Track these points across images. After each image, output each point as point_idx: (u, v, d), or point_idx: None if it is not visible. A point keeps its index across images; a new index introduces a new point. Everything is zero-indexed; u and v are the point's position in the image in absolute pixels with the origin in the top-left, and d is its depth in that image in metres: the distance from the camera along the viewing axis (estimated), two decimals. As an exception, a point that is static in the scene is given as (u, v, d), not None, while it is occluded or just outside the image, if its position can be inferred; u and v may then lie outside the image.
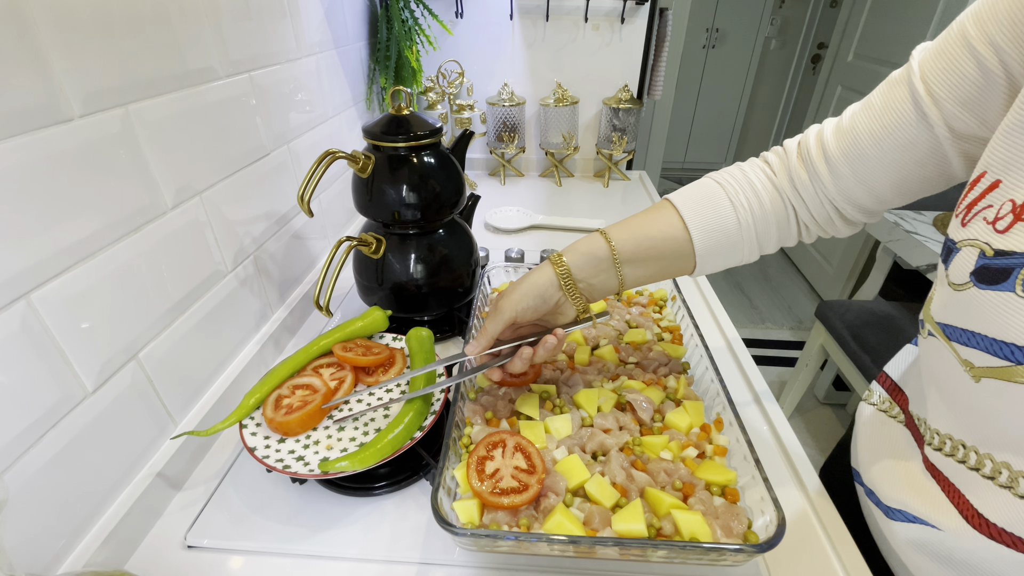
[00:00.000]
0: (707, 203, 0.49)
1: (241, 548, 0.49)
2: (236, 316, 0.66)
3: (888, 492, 0.44)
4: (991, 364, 0.32)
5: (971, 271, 0.32)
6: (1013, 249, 0.30)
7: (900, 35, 2.09)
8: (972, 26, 0.35)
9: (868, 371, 1.36)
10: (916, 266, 1.45)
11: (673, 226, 0.50)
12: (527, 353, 0.48)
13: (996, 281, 0.31)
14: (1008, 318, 0.30)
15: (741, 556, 0.39)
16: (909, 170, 0.41)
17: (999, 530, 0.33)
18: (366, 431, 0.54)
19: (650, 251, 0.50)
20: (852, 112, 0.44)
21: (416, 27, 1.14)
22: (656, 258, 0.50)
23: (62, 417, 0.42)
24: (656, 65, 1.43)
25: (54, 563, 0.42)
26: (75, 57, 0.42)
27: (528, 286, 0.48)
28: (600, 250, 0.50)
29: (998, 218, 0.31)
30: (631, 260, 0.50)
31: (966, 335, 0.33)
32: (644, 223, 0.51)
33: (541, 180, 1.43)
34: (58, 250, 0.41)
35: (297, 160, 0.80)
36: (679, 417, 0.52)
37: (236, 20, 0.63)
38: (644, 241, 0.50)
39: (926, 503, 0.39)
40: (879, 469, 0.47)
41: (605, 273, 0.50)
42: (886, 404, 0.50)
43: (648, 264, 0.51)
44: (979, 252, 0.32)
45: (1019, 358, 0.30)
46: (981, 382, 0.33)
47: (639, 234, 0.50)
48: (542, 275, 0.49)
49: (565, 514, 0.42)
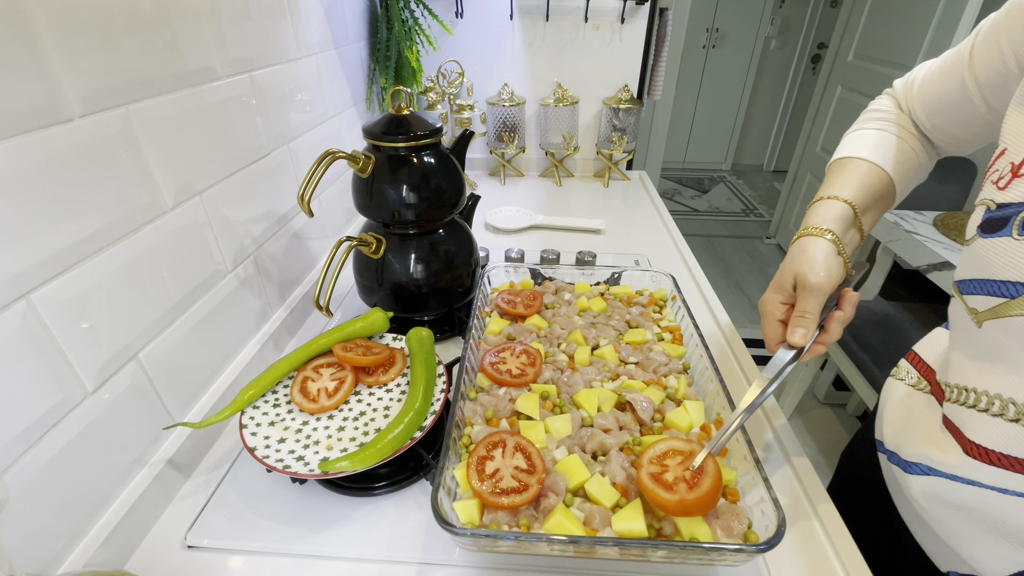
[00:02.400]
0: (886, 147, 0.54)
1: (241, 548, 0.49)
2: (236, 316, 0.66)
3: (908, 448, 0.48)
4: (990, 305, 0.36)
5: (978, 224, 0.38)
6: (1010, 201, 0.36)
7: (900, 35, 2.09)
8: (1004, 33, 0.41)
9: (868, 371, 1.36)
10: (916, 266, 1.45)
11: (874, 173, 0.53)
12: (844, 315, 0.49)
13: (996, 229, 0.36)
14: (1005, 258, 0.35)
15: (741, 556, 0.39)
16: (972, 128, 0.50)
17: (999, 456, 0.38)
18: (366, 431, 0.54)
19: (871, 198, 0.53)
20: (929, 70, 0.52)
21: (416, 27, 1.14)
22: (877, 201, 0.54)
23: (62, 417, 0.42)
24: (656, 65, 1.43)
25: (54, 563, 0.42)
26: (75, 57, 0.42)
27: (824, 258, 0.49)
28: (846, 212, 0.51)
29: (1000, 178, 0.37)
30: (864, 210, 0.53)
31: (972, 284, 0.38)
32: (856, 177, 0.53)
33: (541, 180, 1.43)
34: (58, 250, 0.41)
35: (297, 160, 0.80)
36: (679, 417, 0.52)
37: (236, 20, 0.63)
38: (867, 189, 0.53)
39: (939, 451, 0.43)
40: (902, 432, 0.50)
41: (852, 230, 0.53)
42: (914, 379, 0.52)
43: (874, 210, 0.54)
44: (985, 208, 0.38)
45: (1012, 293, 0.35)
46: (983, 327, 0.37)
47: (860, 187, 0.53)
48: (824, 248, 0.49)
49: (565, 514, 0.42)
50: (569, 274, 0.78)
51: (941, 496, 0.43)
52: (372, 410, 0.57)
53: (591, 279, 0.77)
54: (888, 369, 1.33)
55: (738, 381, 0.69)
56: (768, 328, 0.50)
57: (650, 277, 0.75)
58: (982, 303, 0.37)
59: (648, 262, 0.98)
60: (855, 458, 0.59)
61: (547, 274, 0.78)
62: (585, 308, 0.70)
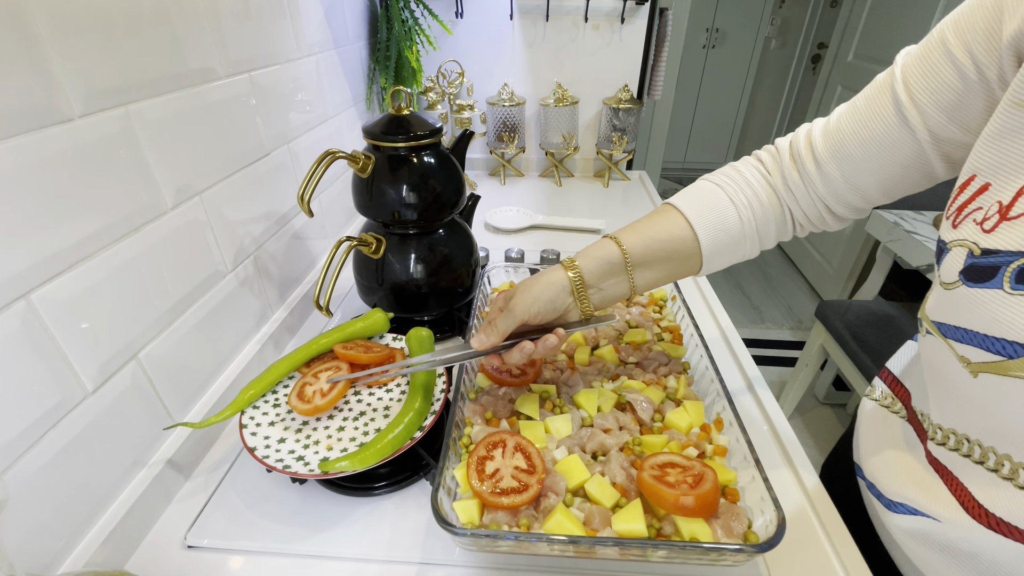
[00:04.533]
0: (709, 204, 0.50)
1: (241, 548, 0.49)
2: (236, 316, 0.66)
3: (889, 486, 0.45)
4: (986, 359, 0.32)
5: (960, 270, 0.33)
6: (998, 248, 0.31)
7: (900, 35, 2.09)
8: (951, 34, 0.36)
9: (868, 371, 1.36)
10: (916, 266, 1.45)
11: (679, 227, 0.50)
12: (528, 348, 0.48)
13: (984, 279, 0.32)
14: (998, 314, 0.31)
15: (741, 556, 0.39)
16: (893, 171, 0.43)
17: (998, 520, 0.34)
18: (366, 431, 0.54)
19: (659, 253, 0.50)
20: (839, 114, 0.45)
21: (416, 27, 1.14)
22: (665, 259, 0.51)
23: (62, 417, 0.42)
24: (656, 65, 1.43)
25: (54, 563, 0.42)
26: (75, 57, 0.42)
27: (540, 289, 0.49)
28: (612, 255, 0.50)
29: (986, 218, 0.32)
30: (642, 264, 0.51)
31: (960, 332, 0.34)
32: (651, 226, 0.51)
33: (541, 180, 1.43)
34: (58, 250, 0.41)
35: (297, 160, 0.80)
36: (679, 417, 0.52)
37: (236, 20, 0.63)
38: (653, 244, 0.50)
39: (927, 496, 0.40)
40: (880, 463, 0.47)
41: (617, 278, 0.51)
42: (888, 400, 0.50)
43: (658, 267, 0.51)
44: (967, 252, 0.33)
45: (1011, 353, 0.31)
46: (979, 377, 0.33)
47: (648, 237, 0.50)
48: (555, 279, 0.49)
49: (565, 514, 0.42)
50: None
51: (927, 537, 0.41)
52: (372, 410, 0.57)
53: (591, 279, 0.77)
54: (888, 369, 1.32)
55: (738, 381, 0.69)
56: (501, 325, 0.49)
57: (650, 277, 0.75)
58: (975, 355, 0.33)
59: (648, 262, 0.98)
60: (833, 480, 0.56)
61: (547, 274, 0.78)
62: (585, 308, 0.70)
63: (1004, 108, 0.32)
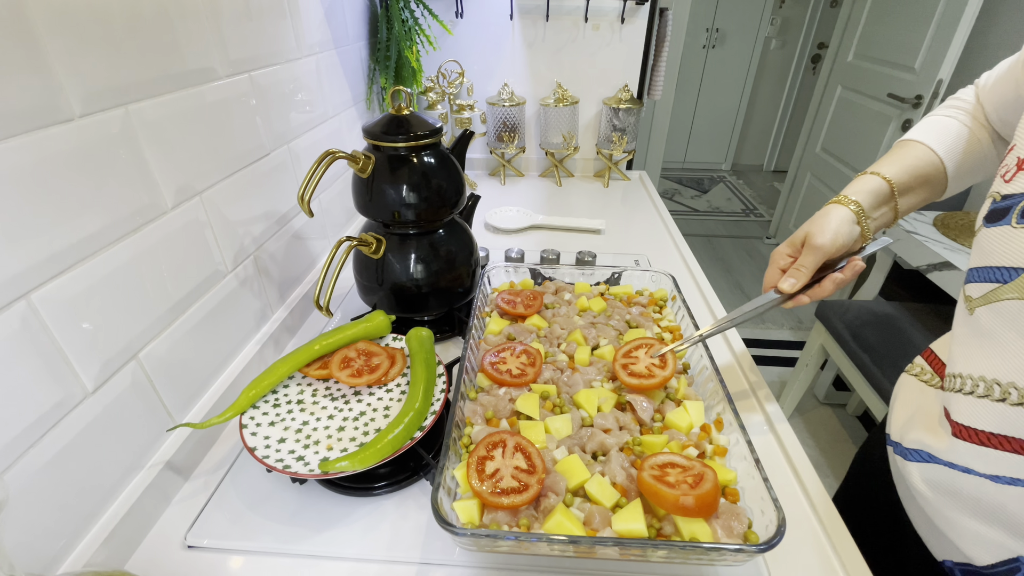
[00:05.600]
0: (943, 130, 0.55)
1: (241, 548, 0.49)
2: (236, 316, 0.66)
3: (908, 435, 0.49)
4: (984, 292, 0.38)
5: (984, 216, 0.40)
6: (1013, 192, 0.37)
7: (900, 35, 2.09)
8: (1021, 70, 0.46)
9: (868, 371, 1.36)
10: (916, 266, 1.45)
11: (927, 153, 0.54)
12: (838, 278, 0.54)
13: (998, 219, 0.38)
14: (1002, 246, 0.36)
15: (741, 556, 0.39)
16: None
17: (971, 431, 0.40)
18: (366, 431, 0.54)
19: (917, 179, 0.54)
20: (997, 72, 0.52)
21: (416, 27, 1.14)
22: (922, 184, 0.55)
23: (62, 417, 0.42)
24: (656, 65, 1.43)
25: (54, 563, 0.42)
26: (75, 57, 0.42)
27: (838, 224, 0.53)
28: (880, 187, 0.54)
29: (1007, 171, 0.39)
30: (904, 190, 0.55)
31: (974, 273, 0.40)
32: (901, 158, 0.55)
33: (541, 180, 1.43)
34: (58, 250, 0.41)
35: (297, 160, 0.80)
36: (679, 417, 0.52)
37: (236, 20, 0.63)
38: (912, 170, 0.54)
39: (933, 436, 0.45)
40: (906, 422, 0.51)
41: (885, 206, 0.55)
42: (927, 375, 0.53)
43: (916, 192, 0.55)
44: (992, 200, 0.39)
45: (1006, 277, 0.36)
46: (975, 313, 0.39)
47: (903, 167, 0.54)
48: (843, 215, 0.53)
49: (565, 514, 0.42)
50: (569, 274, 0.78)
51: (938, 482, 0.44)
52: (372, 410, 0.57)
53: (591, 279, 0.77)
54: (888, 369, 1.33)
55: (738, 381, 0.69)
56: (769, 273, 0.56)
57: (650, 277, 0.75)
58: (977, 290, 0.39)
59: (648, 262, 0.98)
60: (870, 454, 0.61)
61: (547, 274, 0.78)
62: (585, 308, 0.70)
63: None
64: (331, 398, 0.59)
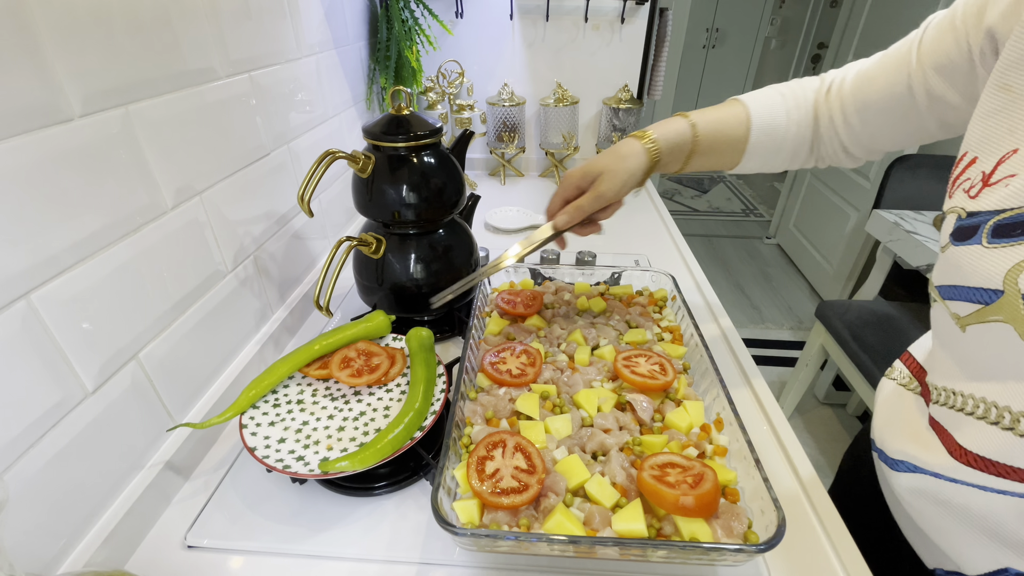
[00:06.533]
0: (769, 109, 0.55)
1: (241, 548, 0.49)
2: (236, 316, 0.66)
3: (893, 445, 0.48)
4: (970, 311, 0.36)
5: (950, 232, 0.38)
6: (980, 209, 0.36)
7: (900, 35, 2.09)
8: (960, 7, 0.42)
9: (868, 371, 1.36)
10: (916, 266, 1.45)
11: (741, 124, 0.55)
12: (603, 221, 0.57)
13: (967, 237, 0.36)
14: (977, 266, 0.35)
15: (741, 556, 0.39)
16: (896, 122, 0.49)
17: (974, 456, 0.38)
18: (366, 431, 0.54)
19: (718, 143, 0.55)
20: (871, 60, 0.51)
21: (416, 27, 1.14)
22: (718, 152, 0.56)
23: (62, 417, 0.42)
24: (656, 65, 1.43)
25: (54, 563, 0.42)
26: (75, 57, 0.42)
27: (628, 175, 0.53)
28: (686, 139, 0.54)
29: (972, 187, 0.37)
30: (702, 151, 0.55)
31: (951, 290, 0.38)
32: (721, 118, 0.55)
33: (541, 180, 1.43)
34: (58, 250, 0.41)
35: (297, 160, 0.80)
36: (679, 417, 0.52)
37: (236, 20, 0.63)
38: (719, 136, 0.55)
39: (923, 449, 0.44)
40: (890, 431, 0.50)
41: (677, 159, 0.55)
42: (906, 379, 0.53)
43: (708, 156, 0.56)
44: (957, 216, 0.38)
45: (986, 299, 0.35)
46: (967, 331, 0.37)
47: (717, 129, 0.55)
48: (636, 165, 0.53)
49: (565, 514, 0.42)
50: (569, 274, 0.78)
51: (925, 492, 0.44)
52: (372, 410, 0.57)
53: (591, 279, 0.77)
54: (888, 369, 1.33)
55: (738, 381, 0.69)
56: (555, 199, 0.57)
57: (650, 277, 0.75)
58: (963, 308, 0.37)
59: (648, 262, 0.98)
60: (857, 457, 0.60)
61: (547, 274, 0.78)
62: (585, 308, 0.70)
63: (989, 90, 0.37)
64: (331, 398, 0.59)
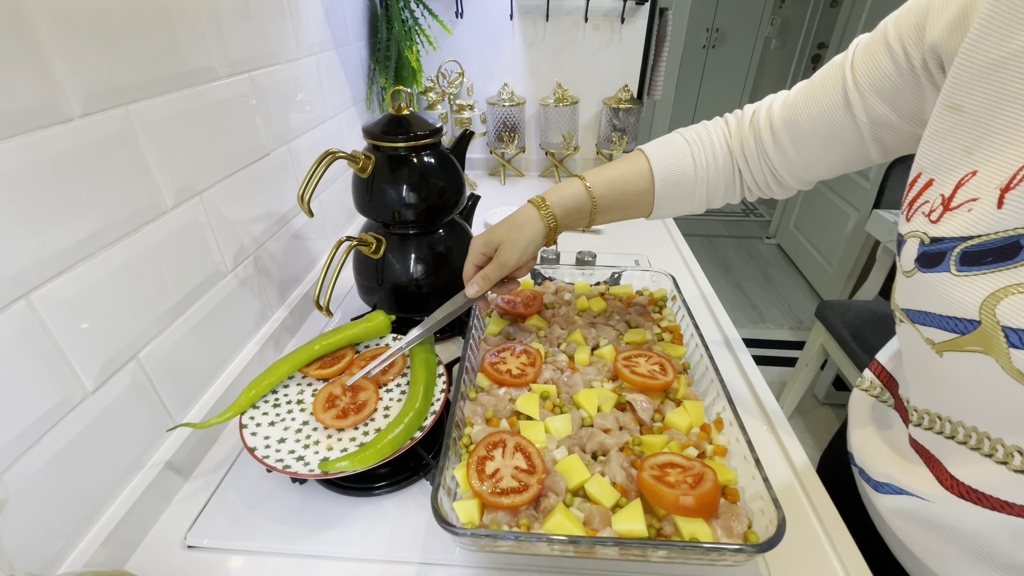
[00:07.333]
0: (674, 158, 0.55)
1: (241, 548, 0.49)
2: (236, 316, 0.66)
3: (875, 467, 0.47)
4: (946, 338, 0.35)
5: (915, 258, 0.36)
6: (944, 235, 0.34)
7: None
8: (892, 26, 0.41)
9: (868, 371, 1.36)
10: (916, 266, 1.45)
11: (644, 178, 0.56)
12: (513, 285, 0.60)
13: (934, 264, 0.35)
14: (948, 294, 0.34)
15: (741, 556, 0.39)
16: (834, 148, 0.47)
17: (967, 488, 0.37)
18: (366, 431, 0.54)
19: (620, 201, 0.57)
20: (798, 88, 0.50)
21: (416, 27, 1.14)
22: (623, 207, 0.57)
23: (62, 417, 0.42)
24: (656, 65, 1.43)
25: (54, 563, 0.42)
26: (75, 57, 0.42)
27: (526, 244, 0.55)
28: (583, 202, 0.56)
29: (932, 210, 0.36)
30: (604, 210, 0.57)
31: (922, 315, 0.37)
32: (621, 176, 0.56)
33: (541, 180, 1.43)
34: (58, 250, 0.41)
35: (297, 160, 0.80)
36: (679, 417, 0.52)
37: (236, 20, 0.63)
38: (619, 194, 0.56)
39: (909, 475, 0.42)
40: (869, 448, 0.49)
41: (579, 220, 0.57)
42: (877, 390, 0.52)
43: (614, 212, 0.58)
44: (919, 241, 0.36)
45: (962, 329, 0.33)
46: (944, 356, 0.36)
47: (616, 188, 0.56)
48: (533, 233, 0.55)
49: (565, 514, 0.42)
50: (569, 274, 0.78)
51: (913, 515, 0.43)
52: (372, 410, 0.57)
53: (591, 279, 0.77)
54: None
55: (738, 381, 0.69)
56: (467, 266, 0.59)
57: (650, 277, 0.75)
58: (937, 335, 0.36)
59: (648, 262, 0.98)
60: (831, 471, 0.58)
61: (547, 274, 0.78)
62: (585, 308, 0.70)
63: (938, 111, 0.36)
64: (331, 398, 0.58)
